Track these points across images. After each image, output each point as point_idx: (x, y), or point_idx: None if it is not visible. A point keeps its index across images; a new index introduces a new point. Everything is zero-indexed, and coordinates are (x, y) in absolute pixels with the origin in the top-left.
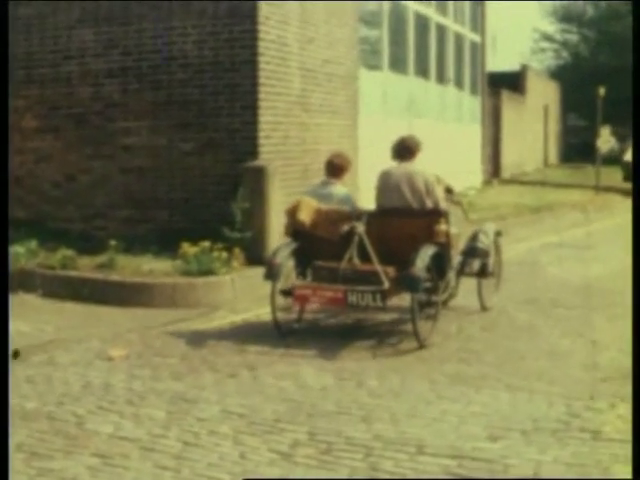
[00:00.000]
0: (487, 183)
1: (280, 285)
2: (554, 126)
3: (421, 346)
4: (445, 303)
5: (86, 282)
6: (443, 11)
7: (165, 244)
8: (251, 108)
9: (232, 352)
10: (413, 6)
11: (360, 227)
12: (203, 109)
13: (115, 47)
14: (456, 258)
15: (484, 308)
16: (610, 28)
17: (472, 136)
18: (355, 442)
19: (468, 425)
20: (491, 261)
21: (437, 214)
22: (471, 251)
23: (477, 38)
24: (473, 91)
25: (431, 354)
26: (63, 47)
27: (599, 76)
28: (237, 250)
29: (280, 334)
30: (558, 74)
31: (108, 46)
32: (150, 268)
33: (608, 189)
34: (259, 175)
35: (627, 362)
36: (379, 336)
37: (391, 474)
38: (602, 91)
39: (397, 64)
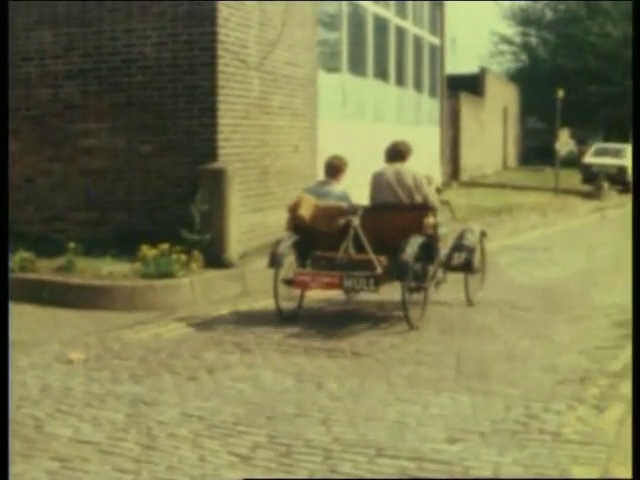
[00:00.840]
0: (446, 185)
1: (282, 275)
2: (513, 129)
3: (411, 328)
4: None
5: (45, 285)
6: (402, 14)
7: (124, 246)
8: (210, 110)
9: (191, 355)
10: (372, 8)
11: (355, 221)
12: (162, 111)
13: (74, 49)
14: (443, 251)
15: (470, 303)
16: (569, 31)
17: (431, 138)
18: (314, 445)
19: (427, 427)
20: (476, 258)
21: (425, 208)
22: (458, 247)
23: (436, 41)
24: (432, 94)
25: (389, 356)
26: (22, 49)
27: (558, 79)
28: (196, 252)
29: (281, 319)
30: (517, 77)
31: (67, 48)
32: (109, 271)
33: (567, 191)
34: (218, 177)
35: (586, 364)
36: (372, 322)
37: (350, 476)
38: (561, 94)
39: (356, 67)
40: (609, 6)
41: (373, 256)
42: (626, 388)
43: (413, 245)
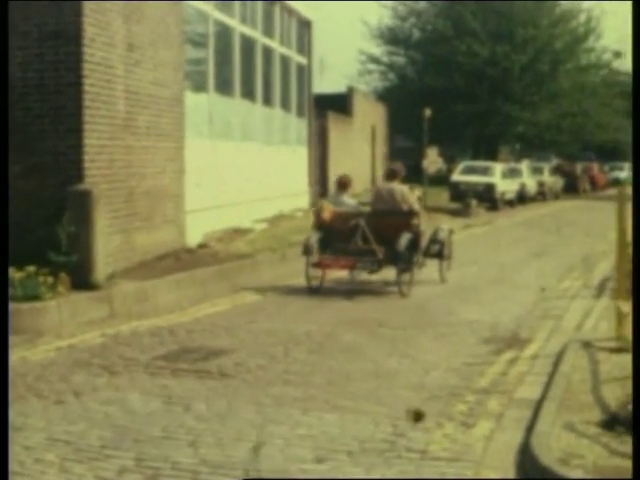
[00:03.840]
0: (315, 205)
1: (311, 260)
2: (381, 147)
3: (402, 296)
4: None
5: None
6: (270, 33)
7: None
8: (76, 131)
9: (58, 378)
10: (239, 28)
11: (362, 222)
12: (28, 132)
13: None
14: (423, 243)
15: (443, 281)
16: (436, 51)
17: (299, 158)
18: (182, 467)
19: (295, 447)
20: (446, 248)
21: (412, 213)
22: (433, 240)
23: (304, 60)
24: (300, 113)
25: (256, 377)
26: None
27: (426, 98)
28: (63, 274)
29: (310, 292)
30: (385, 96)
31: None
32: None
33: (435, 209)
34: (84, 199)
35: (453, 381)
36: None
37: None
38: (428, 112)
39: (223, 86)
40: (476, 26)
41: (376, 247)
42: (493, 404)
43: (404, 240)
